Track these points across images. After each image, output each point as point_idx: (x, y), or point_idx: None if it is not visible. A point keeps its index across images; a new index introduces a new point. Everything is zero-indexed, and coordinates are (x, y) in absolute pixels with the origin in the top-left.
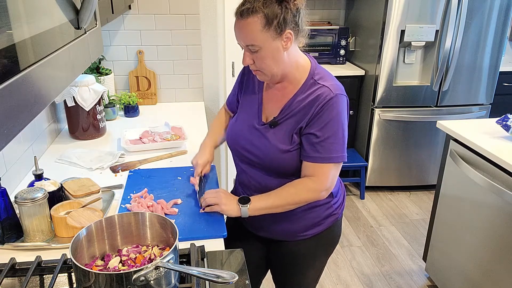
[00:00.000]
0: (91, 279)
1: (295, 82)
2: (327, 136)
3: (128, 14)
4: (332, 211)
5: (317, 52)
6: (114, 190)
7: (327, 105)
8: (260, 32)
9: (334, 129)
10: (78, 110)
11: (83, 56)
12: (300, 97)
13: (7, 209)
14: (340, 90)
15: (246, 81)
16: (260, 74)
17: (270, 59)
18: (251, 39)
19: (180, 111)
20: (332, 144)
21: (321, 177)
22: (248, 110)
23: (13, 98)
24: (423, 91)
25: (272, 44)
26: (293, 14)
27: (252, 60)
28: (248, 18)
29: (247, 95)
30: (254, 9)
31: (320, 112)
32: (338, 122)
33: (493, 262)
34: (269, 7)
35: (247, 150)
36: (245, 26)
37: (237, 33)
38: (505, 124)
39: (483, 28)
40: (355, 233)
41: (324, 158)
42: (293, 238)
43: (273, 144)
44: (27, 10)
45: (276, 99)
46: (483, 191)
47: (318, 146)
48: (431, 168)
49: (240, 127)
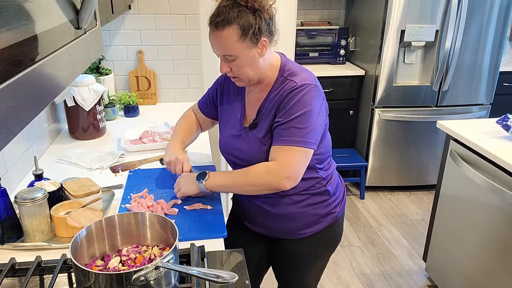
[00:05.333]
0: (91, 279)
1: (269, 82)
2: (288, 119)
3: (128, 14)
4: (330, 210)
5: (317, 52)
6: (114, 190)
7: (290, 93)
8: (236, 43)
9: (296, 113)
10: (78, 110)
11: (83, 56)
12: (272, 95)
13: (7, 209)
14: (307, 81)
15: (226, 90)
16: (238, 80)
17: (247, 66)
18: (228, 50)
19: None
20: (296, 129)
21: (281, 160)
22: (231, 118)
23: (13, 98)
24: (423, 91)
25: (249, 53)
26: (267, 22)
27: (230, 68)
28: (223, 30)
29: (229, 104)
30: (228, 21)
31: (284, 100)
32: (303, 106)
33: (493, 262)
34: (243, 17)
35: (235, 156)
36: (221, 37)
37: (213, 43)
38: (505, 124)
39: (483, 28)
40: (355, 233)
41: (286, 141)
42: (292, 236)
43: (255, 145)
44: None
45: (254, 102)
46: (483, 191)
47: (279, 129)
48: (431, 168)
49: (226, 136)
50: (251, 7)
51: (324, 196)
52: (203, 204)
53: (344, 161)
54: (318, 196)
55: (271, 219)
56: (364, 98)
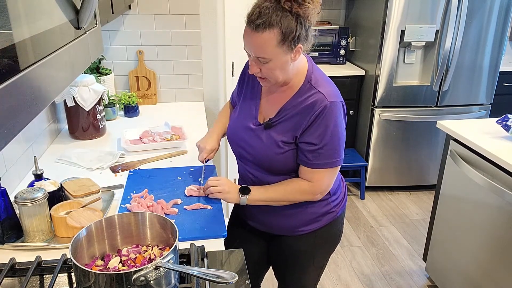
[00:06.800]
0: (91, 279)
1: (293, 85)
2: (323, 144)
3: (128, 14)
4: (330, 209)
5: (317, 52)
6: (114, 190)
7: (322, 113)
8: (274, 47)
9: (330, 137)
10: (78, 110)
11: (83, 56)
12: (296, 100)
13: (7, 209)
14: (334, 97)
15: (247, 80)
16: (265, 81)
17: (279, 69)
18: (264, 53)
19: (180, 111)
20: (328, 151)
21: (316, 182)
22: (246, 108)
23: (13, 98)
24: (423, 91)
25: (283, 58)
26: (306, 29)
27: (259, 69)
28: (264, 33)
29: (247, 94)
30: (271, 24)
31: (315, 121)
32: (334, 129)
33: (493, 262)
34: (286, 23)
35: (242, 148)
36: (259, 39)
37: (248, 43)
38: (505, 124)
39: (483, 28)
40: (355, 233)
41: (320, 165)
42: (291, 233)
43: (267, 146)
44: (27, 10)
45: (274, 101)
46: (483, 191)
47: (315, 153)
48: (431, 168)
49: (237, 124)
50: (295, 13)
51: (325, 195)
52: (203, 204)
53: (344, 161)
54: None
55: (271, 216)
56: (364, 98)
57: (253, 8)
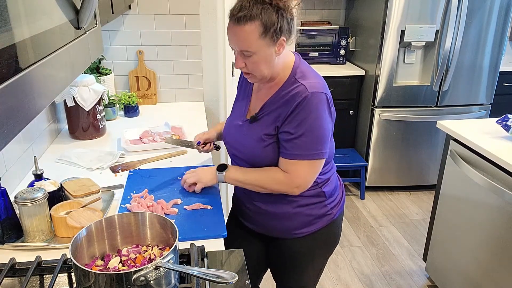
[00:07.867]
0: (91, 279)
1: (279, 81)
2: (300, 133)
3: (128, 14)
4: (326, 211)
5: (317, 52)
6: (114, 190)
7: (302, 103)
8: (256, 40)
9: (308, 127)
10: (78, 110)
11: (83, 56)
12: (280, 94)
13: (7, 209)
14: (317, 88)
15: (241, 83)
16: (251, 77)
17: (263, 63)
18: (247, 46)
19: (180, 111)
20: (305, 142)
21: (292, 174)
22: (238, 108)
23: (13, 98)
24: (423, 91)
25: (267, 51)
26: (288, 22)
27: (244, 64)
28: (245, 25)
29: (240, 95)
30: (251, 16)
31: (294, 111)
32: (314, 120)
33: (493, 262)
34: (266, 15)
35: (233, 146)
36: (241, 33)
37: (231, 37)
38: (505, 124)
39: (483, 28)
40: (355, 233)
41: (296, 155)
42: (288, 236)
43: (252, 140)
44: (27, 10)
45: (261, 97)
46: (483, 191)
47: (291, 143)
48: (431, 168)
49: (229, 124)
50: (275, 5)
51: (320, 197)
52: (203, 204)
53: (344, 161)
54: (313, 197)
55: (267, 218)
56: (364, 98)
57: (236, 3)
